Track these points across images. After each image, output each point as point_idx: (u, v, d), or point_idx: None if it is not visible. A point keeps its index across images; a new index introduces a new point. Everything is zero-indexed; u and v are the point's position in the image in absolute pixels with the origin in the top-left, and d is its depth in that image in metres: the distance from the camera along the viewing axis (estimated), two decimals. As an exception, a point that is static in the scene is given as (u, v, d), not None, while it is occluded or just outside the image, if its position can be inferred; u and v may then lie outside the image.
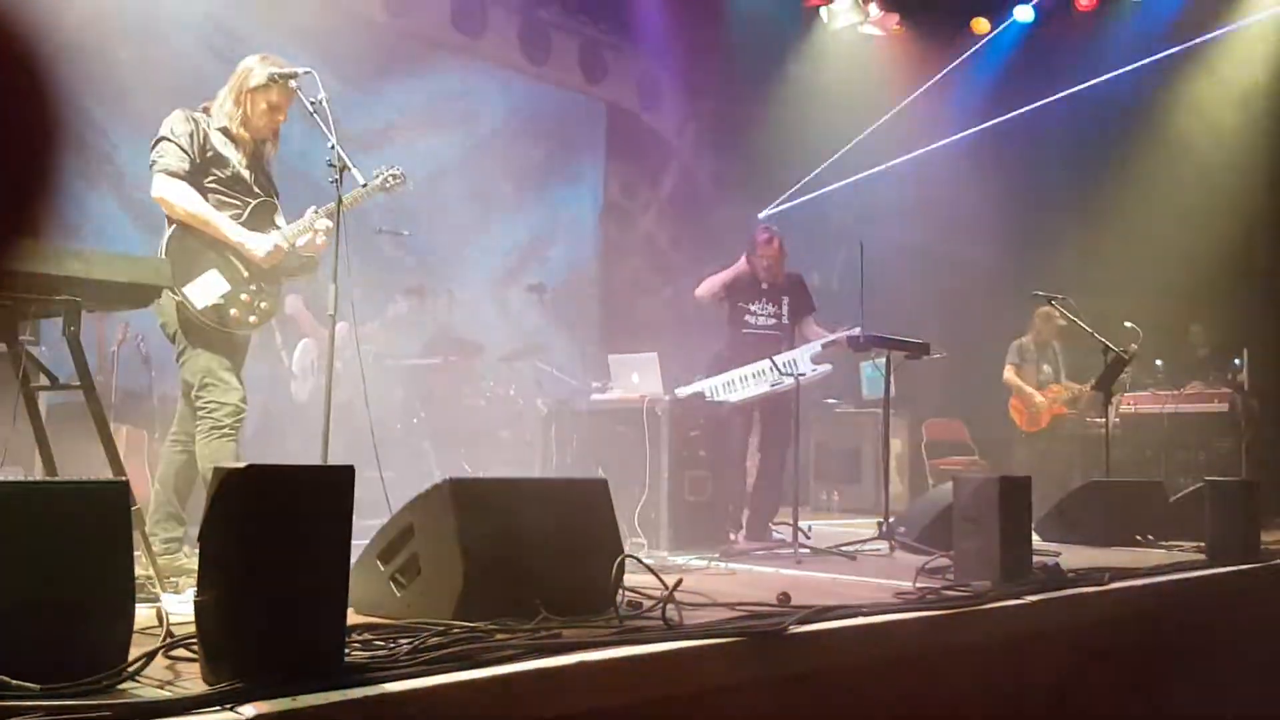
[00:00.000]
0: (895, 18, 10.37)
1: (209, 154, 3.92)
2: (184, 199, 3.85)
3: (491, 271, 9.12)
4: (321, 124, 3.89)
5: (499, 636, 2.60)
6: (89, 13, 6.36)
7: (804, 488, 6.27)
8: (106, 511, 2.20)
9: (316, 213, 4.12)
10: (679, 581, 3.00)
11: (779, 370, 5.81)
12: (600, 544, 3.24)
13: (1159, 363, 8.71)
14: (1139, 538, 5.91)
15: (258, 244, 3.96)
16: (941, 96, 10.39)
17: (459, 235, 8.81)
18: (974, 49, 10.47)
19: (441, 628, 2.63)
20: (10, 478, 4.00)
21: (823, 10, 10.38)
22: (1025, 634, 3.66)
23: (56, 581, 2.10)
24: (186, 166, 3.86)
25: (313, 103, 3.91)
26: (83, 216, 6.46)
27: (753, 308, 6.20)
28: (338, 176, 3.88)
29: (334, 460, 4.13)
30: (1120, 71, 9.52)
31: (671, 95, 10.71)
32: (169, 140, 3.87)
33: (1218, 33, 9.43)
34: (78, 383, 3.14)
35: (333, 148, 3.89)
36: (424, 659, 2.33)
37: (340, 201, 3.89)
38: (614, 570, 3.08)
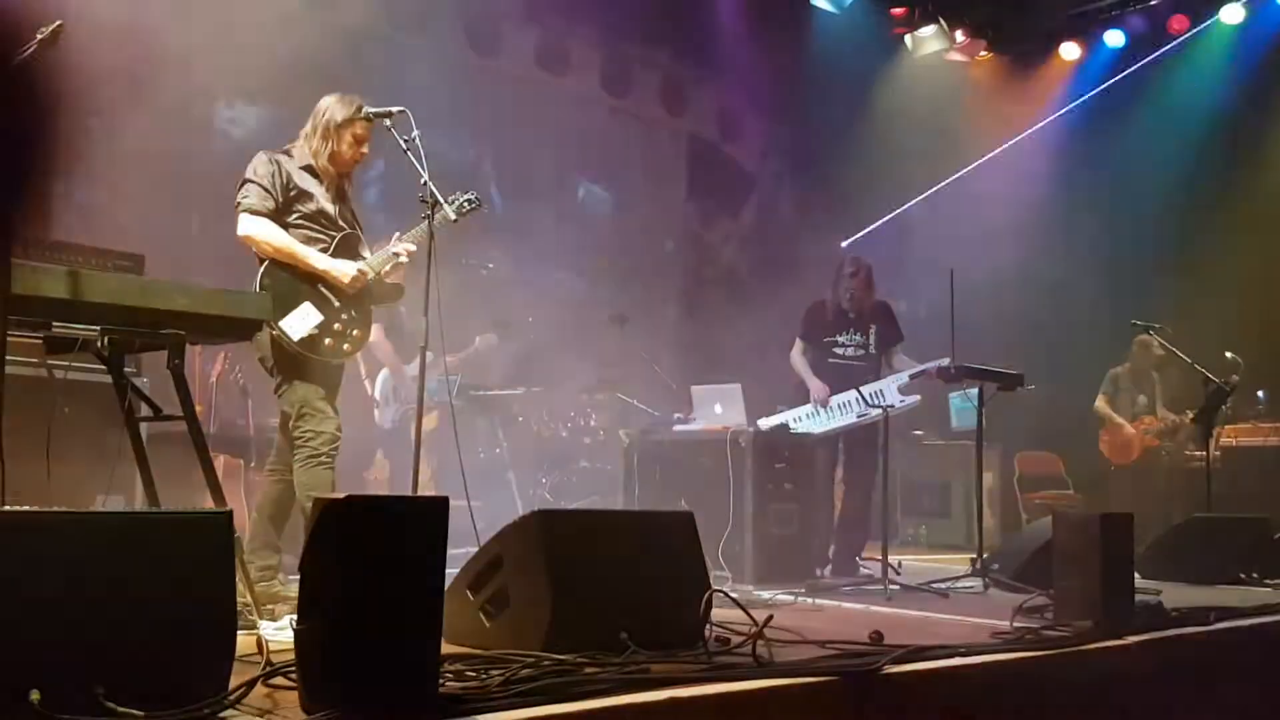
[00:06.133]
0: (982, 44, 10.25)
1: (292, 192, 4.04)
2: (269, 235, 3.96)
3: (574, 302, 9.20)
4: (414, 161, 3.97)
5: (588, 670, 2.59)
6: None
7: (891, 522, 6.16)
8: (210, 541, 2.25)
9: (400, 237, 4.21)
10: (769, 618, 2.96)
11: (865, 401, 5.73)
12: (687, 577, 3.22)
13: (1261, 394, 8.39)
14: (1243, 575, 5.69)
15: (342, 270, 4.05)
16: (1035, 124, 10.23)
17: (542, 266, 8.91)
18: (1065, 75, 10.30)
19: (532, 660, 2.63)
20: (113, 506, 4.13)
21: (907, 37, 10.30)
22: (1128, 676, 3.53)
23: (161, 610, 2.15)
24: (270, 205, 3.97)
25: (406, 140, 4.00)
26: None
27: (840, 338, 6.14)
28: (429, 212, 3.96)
29: (422, 488, 4.21)
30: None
31: (752, 126, 10.71)
32: (252, 181, 3.99)
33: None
34: (179, 413, 3.23)
35: (425, 184, 3.97)
36: (516, 691, 2.33)
37: (432, 236, 3.96)
38: (702, 605, 3.05)
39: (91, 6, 6.47)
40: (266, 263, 4.00)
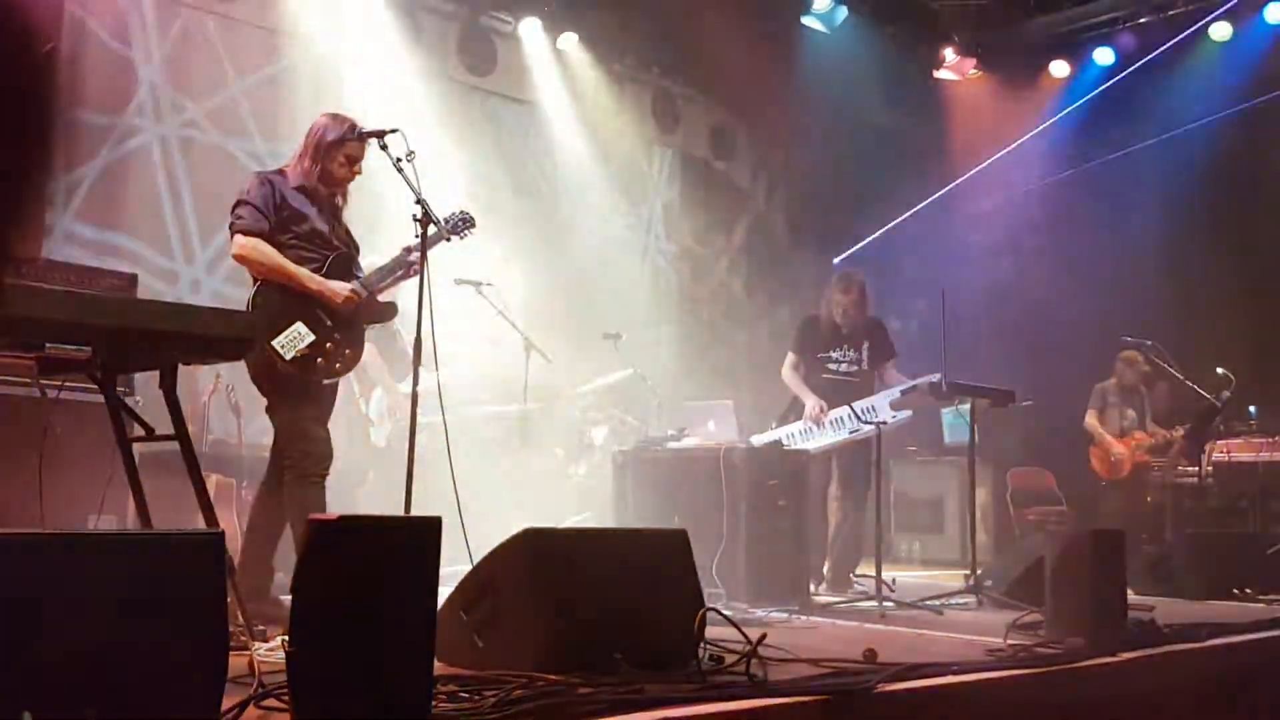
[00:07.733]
0: (972, 62, 10.30)
1: (285, 213, 4.06)
2: (262, 255, 3.97)
3: (567, 319, 9.21)
4: (407, 180, 3.98)
5: (582, 690, 2.58)
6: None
7: (884, 538, 6.16)
8: (202, 562, 2.24)
9: (411, 248, 4.21)
10: (763, 636, 2.95)
11: (858, 417, 5.74)
12: (680, 596, 3.22)
13: (1252, 409, 8.42)
14: (1236, 591, 5.69)
15: (335, 289, 4.06)
16: (1025, 140, 10.28)
17: (534, 283, 8.91)
18: (1054, 92, 10.36)
19: (524, 680, 2.62)
20: (105, 526, 4.12)
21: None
22: (1122, 693, 3.53)
23: (153, 631, 2.13)
24: (264, 226, 3.99)
25: (399, 160, 4.02)
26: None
27: (834, 354, 6.15)
28: (422, 231, 3.97)
29: (415, 507, 4.20)
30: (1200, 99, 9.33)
31: (744, 143, 10.75)
32: (246, 202, 4.02)
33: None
34: (172, 433, 3.23)
35: (418, 202, 3.98)
36: (509, 713, 2.32)
37: (424, 254, 3.97)
38: (696, 624, 3.04)
39: (88, 30, 6.51)
40: (259, 282, 4.01)
